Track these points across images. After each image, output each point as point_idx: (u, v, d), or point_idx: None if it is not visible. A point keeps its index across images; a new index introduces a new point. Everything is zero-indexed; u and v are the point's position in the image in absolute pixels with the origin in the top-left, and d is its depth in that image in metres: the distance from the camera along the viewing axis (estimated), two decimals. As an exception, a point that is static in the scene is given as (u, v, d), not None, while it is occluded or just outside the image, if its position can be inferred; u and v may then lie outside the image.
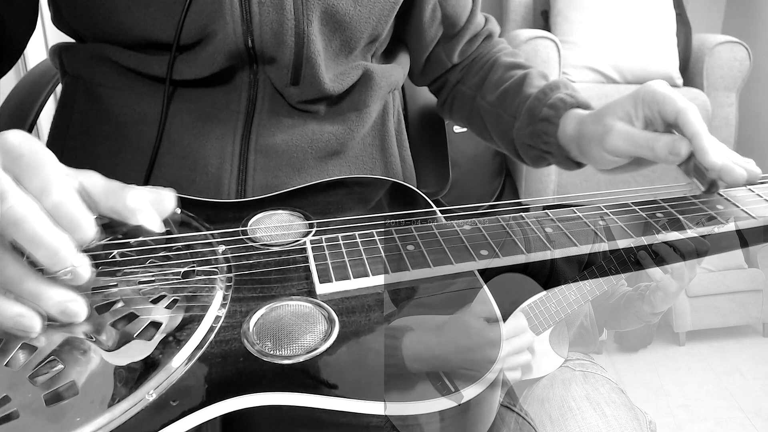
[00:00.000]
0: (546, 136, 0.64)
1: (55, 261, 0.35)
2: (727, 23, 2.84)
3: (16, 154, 0.35)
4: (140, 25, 0.56)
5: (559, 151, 0.64)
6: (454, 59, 0.76)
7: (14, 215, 0.33)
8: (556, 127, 0.63)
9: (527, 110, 0.66)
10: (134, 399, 0.34)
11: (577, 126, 0.61)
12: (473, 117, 0.76)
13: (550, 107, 0.64)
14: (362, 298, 0.43)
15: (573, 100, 0.63)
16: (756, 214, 0.51)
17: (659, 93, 0.53)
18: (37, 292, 0.36)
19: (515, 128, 0.68)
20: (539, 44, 2.10)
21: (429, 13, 0.71)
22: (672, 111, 0.51)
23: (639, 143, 0.53)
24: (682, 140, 0.50)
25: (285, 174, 0.63)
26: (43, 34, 1.58)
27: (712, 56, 2.21)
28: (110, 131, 0.62)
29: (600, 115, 0.57)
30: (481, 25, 0.77)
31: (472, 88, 0.75)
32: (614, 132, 0.54)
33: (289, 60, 0.58)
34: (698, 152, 0.49)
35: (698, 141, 0.49)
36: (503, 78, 0.72)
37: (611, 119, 0.55)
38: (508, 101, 0.69)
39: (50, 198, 0.35)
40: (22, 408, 0.33)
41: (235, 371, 0.37)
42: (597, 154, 0.57)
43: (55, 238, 0.34)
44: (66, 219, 0.35)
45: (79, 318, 0.37)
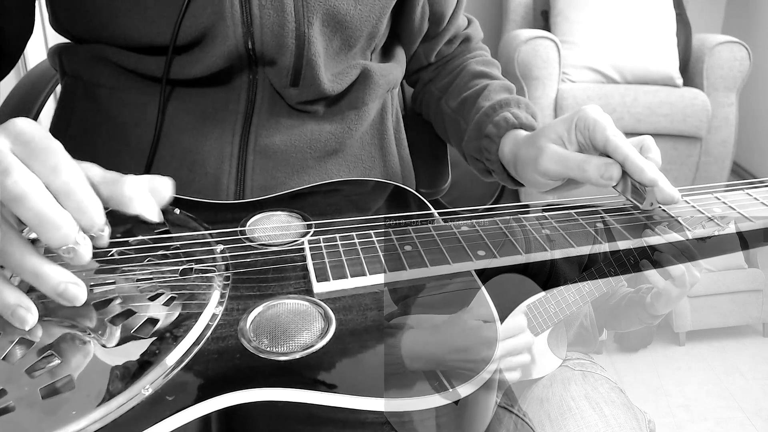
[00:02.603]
0: (488, 153, 0.65)
1: (58, 237, 0.35)
2: (727, 23, 2.85)
3: (26, 138, 0.36)
4: (139, 28, 0.56)
5: (500, 169, 0.65)
6: (431, 58, 0.77)
7: (18, 190, 0.34)
8: (497, 146, 0.63)
9: (475, 124, 0.66)
10: (130, 394, 0.34)
11: (513, 148, 0.61)
12: (437, 118, 0.77)
13: (494, 125, 0.64)
14: (359, 297, 0.43)
15: (516, 121, 0.63)
16: (753, 216, 0.51)
17: (591, 119, 0.52)
18: (38, 271, 0.36)
19: (464, 140, 0.69)
20: (539, 44, 2.10)
21: (420, 8, 0.71)
22: (601, 138, 0.51)
23: (569, 165, 0.53)
24: (613, 164, 0.50)
25: (284, 174, 0.63)
26: (43, 34, 1.58)
27: (712, 56, 2.21)
28: (109, 131, 0.62)
29: (534, 138, 0.57)
30: (462, 26, 0.78)
31: (440, 90, 0.76)
32: (546, 154, 0.54)
33: (289, 62, 0.58)
34: (634, 173, 0.49)
35: (630, 163, 0.49)
36: (467, 86, 0.72)
37: (544, 141, 0.55)
38: (465, 110, 0.70)
39: (60, 178, 0.35)
40: (18, 401, 0.34)
41: (231, 367, 0.37)
42: (530, 176, 0.57)
43: (58, 215, 0.35)
44: (75, 200, 0.36)
45: (78, 301, 0.37)
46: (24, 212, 0.34)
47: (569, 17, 2.28)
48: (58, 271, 0.36)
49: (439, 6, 0.72)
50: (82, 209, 0.36)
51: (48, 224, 0.34)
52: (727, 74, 2.20)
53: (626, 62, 2.23)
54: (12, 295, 0.36)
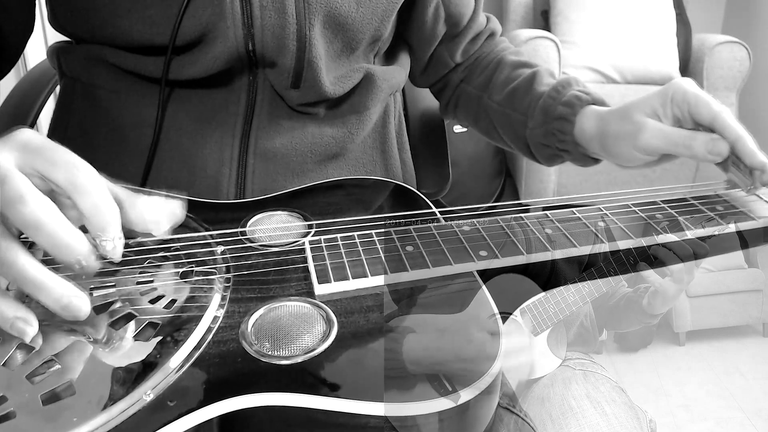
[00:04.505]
0: (562, 134, 0.64)
1: (66, 254, 0.35)
2: (727, 23, 2.84)
3: (46, 151, 0.36)
4: (138, 27, 0.56)
5: (575, 149, 0.64)
6: (457, 59, 0.76)
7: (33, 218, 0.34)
8: (572, 125, 0.63)
9: (541, 109, 0.65)
10: (131, 399, 0.34)
11: (598, 123, 0.60)
12: (480, 117, 0.76)
13: (565, 105, 0.63)
14: (361, 299, 0.43)
15: (588, 97, 0.63)
16: (757, 214, 0.51)
17: (690, 93, 0.52)
18: (40, 283, 0.35)
19: (528, 128, 0.67)
20: (539, 44, 2.10)
21: (432, 11, 0.70)
22: (707, 114, 0.51)
23: (675, 141, 0.53)
24: (720, 140, 0.51)
25: (284, 178, 0.62)
26: (43, 34, 1.57)
27: (712, 56, 2.20)
28: (108, 133, 0.62)
29: (626, 112, 0.57)
30: (483, 24, 0.76)
31: (478, 88, 0.75)
32: (647, 130, 0.54)
33: (290, 64, 0.58)
34: (745, 155, 0.50)
35: (742, 144, 0.50)
36: (511, 77, 0.71)
37: (640, 116, 0.55)
38: (517, 100, 0.69)
39: (78, 178, 0.36)
40: (19, 408, 0.33)
41: (232, 372, 0.37)
42: (626, 151, 0.57)
43: (67, 234, 0.35)
44: (89, 200, 0.36)
45: (81, 315, 0.36)
46: (40, 239, 0.35)
47: (569, 17, 2.28)
48: (61, 283, 0.36)
49: (455, 7, 0.71)
50: (98, 209, 0.36)
51: (62, 248, 0.35)
52: (727, 74, 2.20)
53: (626, 62, 2.22)
54: (9, 308, 0.36)
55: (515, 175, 2.29)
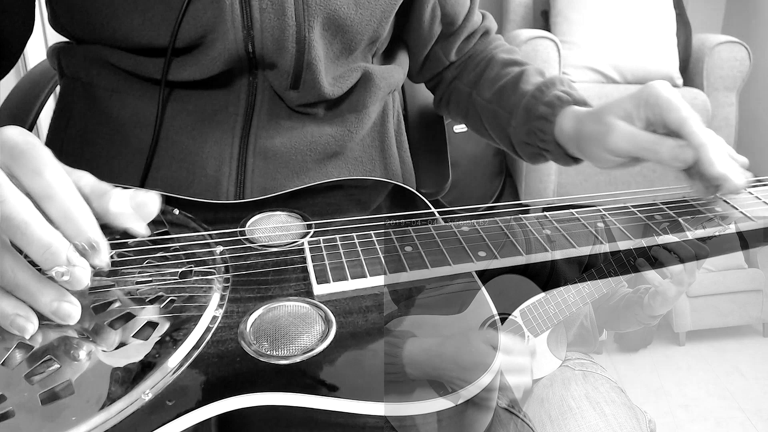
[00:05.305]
0: (543, 134, 0.64)
1: (48, 257, 0.34)
2: (727, 23, 2.84)
3: (16, 152, 0.35)
4: (138, 30, 0.56)
5: (556, 149, 0.64)
6: (451, 57, 0.76)
7: (5, 211, 0.33)
8: (552, 125, 0.63)
9: (524, 108, 0.65)
10: (130, 399, 0.34)
11: (575, 124, 0.60)
12: (470, 113, 0.76)
13: (546, 105, 0.63)
14: (360, 299, 0.43)
15: (569, 98, 0.63)
16: (755, 216, 0.51)
17: (663, 97, 0.52)
18: (31, 290, 0.35)
19: (512, 126, 0.67)
20: (539, 44, 2.10)
21: (429, 11, 0.71)
22: (676, 119, 0.51)
23: (642, 145, 0.52)
24: (687, 147, 0.50)
25: (284, 177, 0.63)
26: (43, 33, 1.57)
27: (712, 56, 2.20)
28: (108, 133, 0.62)
29: (600, 114, 0.56)
30: (478, 22, 0.77)
31: (468, 85, 0.75)
32: (616, 132, 0.53)
33: (289, 66, 0.58)
34: (704, 163, 0.49)
35: (704, 152, 0.49)
36: (500, 75, 0.71)
37: (611, 118, 0.54)
38: (504, 98, 0.69)
39: (42, 181, 0.34)
40: (17, 407, 0.33)
41: (231, 371, 0.37)
42: (597, 153, 0.56)
43: (46, 234, 0.34)
44: (57, 204, 0.35)
45: (72, 320, 0.37)
46: (10, 231, 0.33)
47: (569, 17, 2.28)
48: (52, 288, 0.36)
49: (451, 6, 0.72)
50: (68, 215, 0.35)
51: (35, 244, 0.34)
52: (727, 74, 2.20)
53: (626, 62, 2.22)
54: (9, 304, 0.36)
55: (515, 175, 2.29)
